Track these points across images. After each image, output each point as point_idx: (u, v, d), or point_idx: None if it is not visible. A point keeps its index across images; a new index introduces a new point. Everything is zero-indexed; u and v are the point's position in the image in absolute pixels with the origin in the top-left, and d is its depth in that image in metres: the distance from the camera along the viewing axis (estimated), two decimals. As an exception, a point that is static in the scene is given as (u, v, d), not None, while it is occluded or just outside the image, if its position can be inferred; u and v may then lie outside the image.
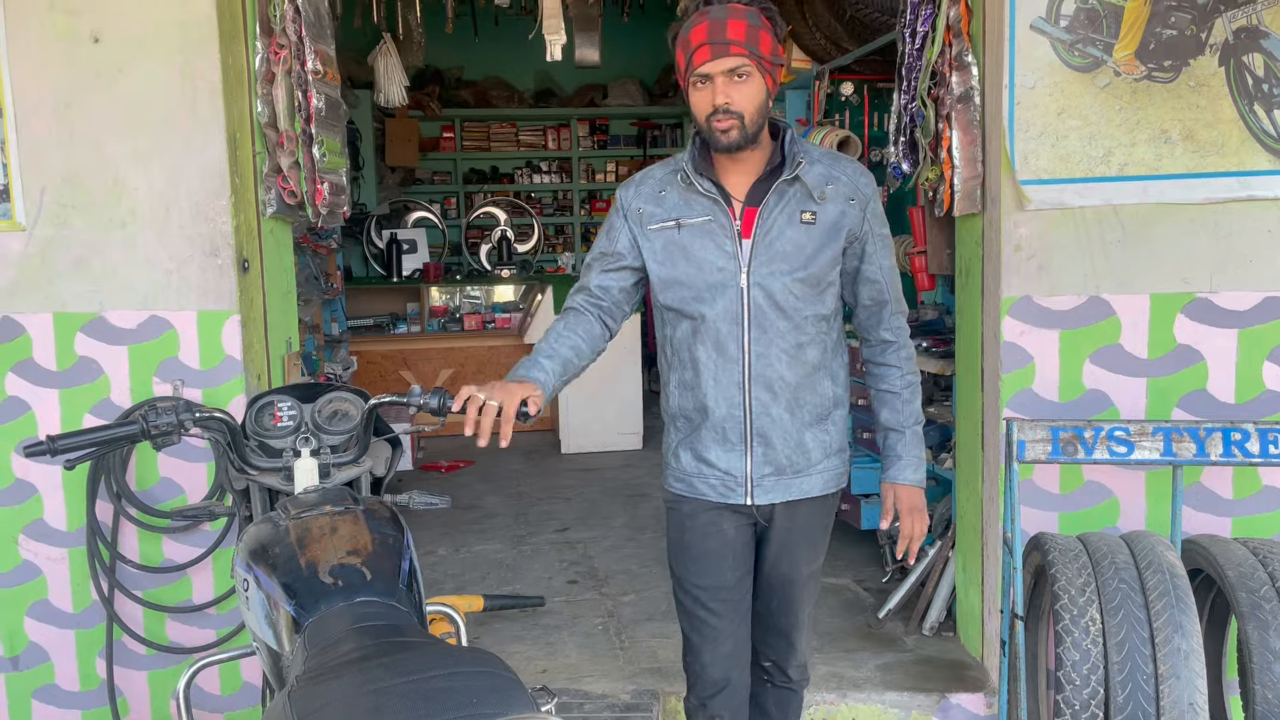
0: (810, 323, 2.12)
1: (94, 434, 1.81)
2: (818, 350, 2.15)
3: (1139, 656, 2.31)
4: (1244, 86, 2.82)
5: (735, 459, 2.16)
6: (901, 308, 2.22)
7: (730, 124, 2.01)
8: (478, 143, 9.53)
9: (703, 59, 1.99)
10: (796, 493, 2.19)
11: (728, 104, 1.99)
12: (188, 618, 3.08)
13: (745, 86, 2.00)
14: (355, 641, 1.44)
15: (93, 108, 2.91)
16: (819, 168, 2.10)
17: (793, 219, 2.08)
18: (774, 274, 2.08)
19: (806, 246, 2.08)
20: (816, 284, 2.10)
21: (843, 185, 2.11)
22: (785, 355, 2.11)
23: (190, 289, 2.97)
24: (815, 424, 2.18)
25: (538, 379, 2.01)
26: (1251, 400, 2.88)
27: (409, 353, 7.09)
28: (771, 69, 2.03)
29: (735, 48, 1.97)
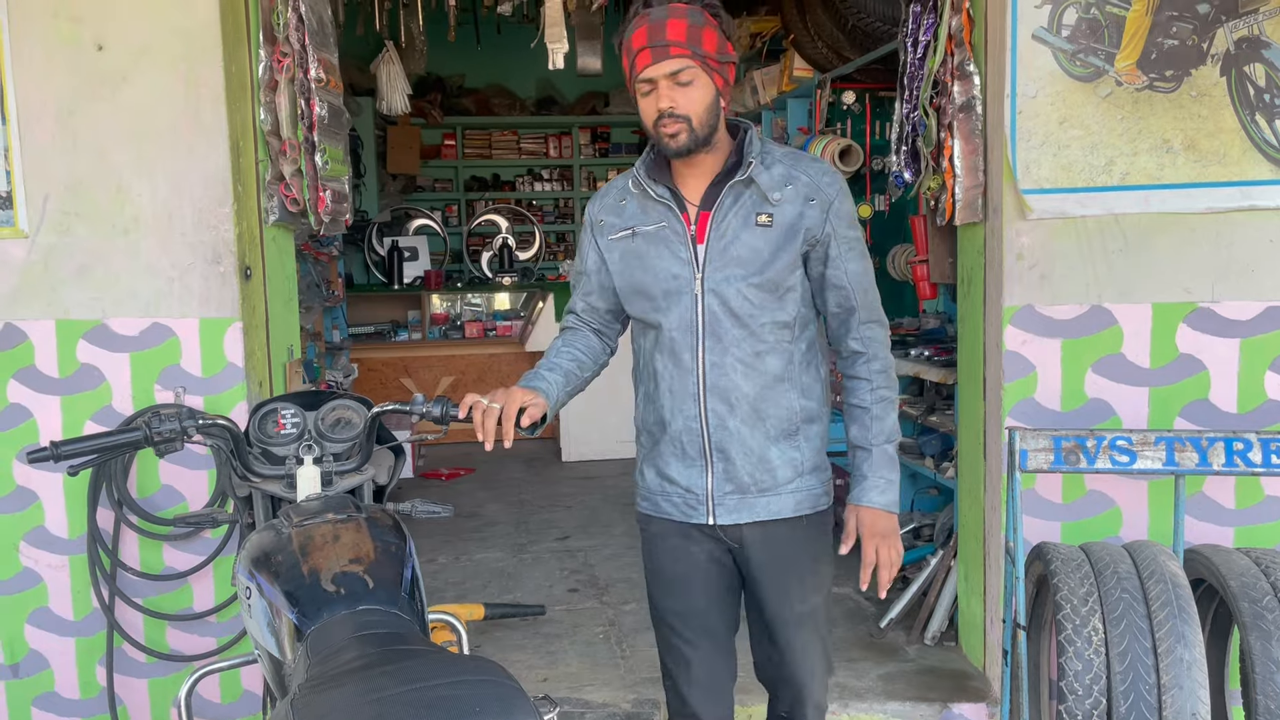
0: (769, 330, 2.02)
1: (97, 440, 1.81)
2: (779, 360, 2.03)
3: (1141, 667, 2.30)
4: (1245, 96, 2.83)
5: (696, 475, 2.07)
6: (873, 316, 2.08)
7: (677, 128, 1.93)
8: (479, 150, 9.54)
9: (644, 63, 1.92)
10: (764, 513, 2.06)
11: (672, 108, 1.92)
12: (188, 625, 3.07)
13: (690, 89, 1.93)
14: (358, 650, 1.44)
15: (96, 115, 2.91)
16: (779, 168, 2.01)
17: (748, 222, 1.99)
18: (728, 279, 1.99)
19: (763, 250, 1.98)
20: (774, 289, 2.00)
21: (802, 185, 2.00)
22: (741, 365, 2.01)
23: (192, 296, 2.97)
24: (782, 439, 2.05)
25: (539, 387, 2.02)
26: (1254, 410, 2.87)
27: (410, 360, 7.09)
28: (719, 67, 1.95)
29: (676, 49, 1.90)
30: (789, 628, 2.11)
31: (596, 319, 2.20)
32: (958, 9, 3.02)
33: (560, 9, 4.33)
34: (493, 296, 7.59)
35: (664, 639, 2.19)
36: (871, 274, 2.08)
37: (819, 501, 2.10)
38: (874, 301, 2.08)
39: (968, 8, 3.02)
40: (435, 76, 9.07)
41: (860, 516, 2.05)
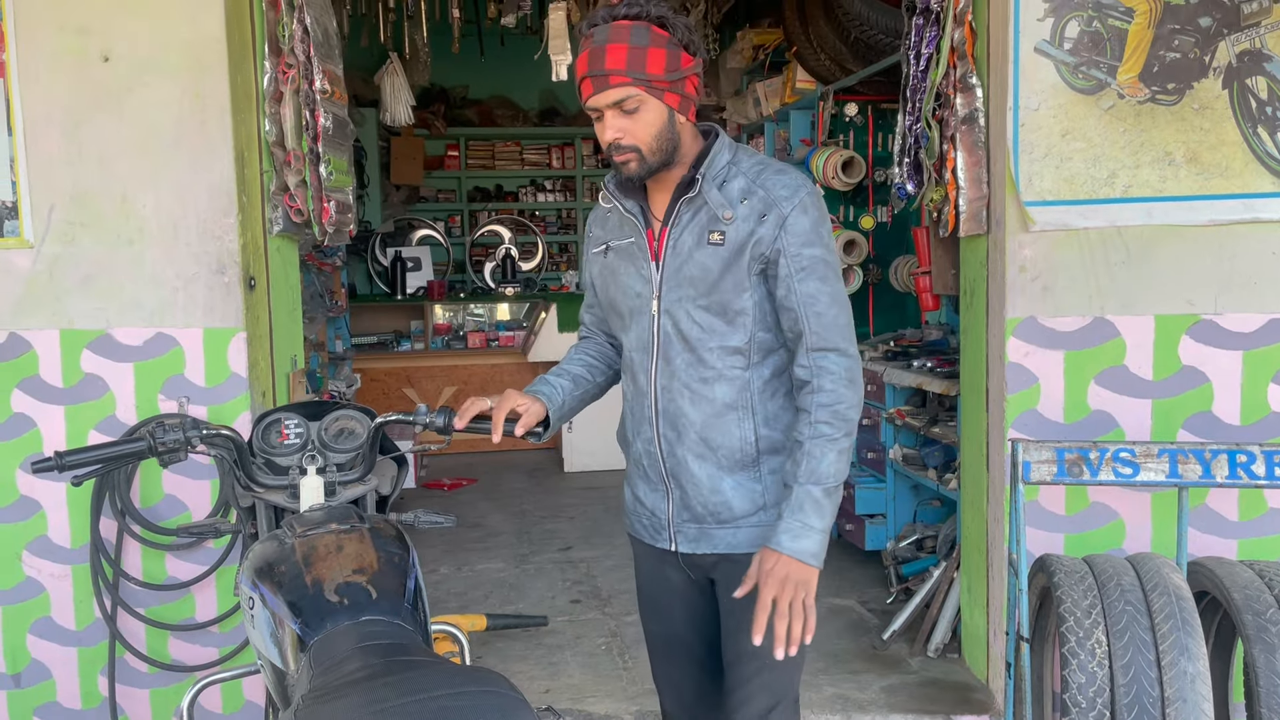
0: (717, 356, 1.90)
1: (102, 450, 1.82)
2: (729, 388, 1.90)
3: (1145, 679, 2.30)
4: (1247, 109, 2.83)
5: (659, 499, 2.00)
6: (828, 344, 1.85)
7: (627, 157, 1.85)
8: (482, 161, 9.56)
9: (587, 93, 1.83)
10: (723, 546, 1.95)
11: (619, 139, 1.84)
12: (190, 635, 3.07)
13: (637, 117, 1.83)
14: (361, 660, 1.44)
15: (102, 126, 2.92)
16: (739, 182, 1.88)
17: (702, 239, 1.88)
18: (679, 300, 1.90)
19: (713, 270, 1.87)
20: (723, 312, 1.88)
21: (758, 200, 1.86)
22: (688, 390, 1.91)
23: (197, 306, 2.98)
24: (737, 471, 1.92)
25: (542, 392, 2.02)
26: (1257, 422, 2.87)
27: (413, 370, 7.10)
28: (671, 85, 1.83)
29: (616, 79, 1.79)
30: (735, 670, 1.98)
31: (604, 327, 2.17)
32: (960, 22, 3.04)
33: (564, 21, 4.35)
34: (495, 307, 7.60)
35: (652, 659, 2.17)
36: (835, 298, 1.87)
37: None
38: (830, 328, 1.86)
39: (970, 21, 3.03)
40: (439, 87, 9.10)
41: (763, 559, 1.82)
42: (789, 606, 1.77)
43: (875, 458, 4.41)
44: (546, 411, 2.00)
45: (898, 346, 4.42)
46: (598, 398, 2.16)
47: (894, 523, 4.27)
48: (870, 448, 4.47)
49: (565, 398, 2.05)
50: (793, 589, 1.78)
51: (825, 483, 1.81)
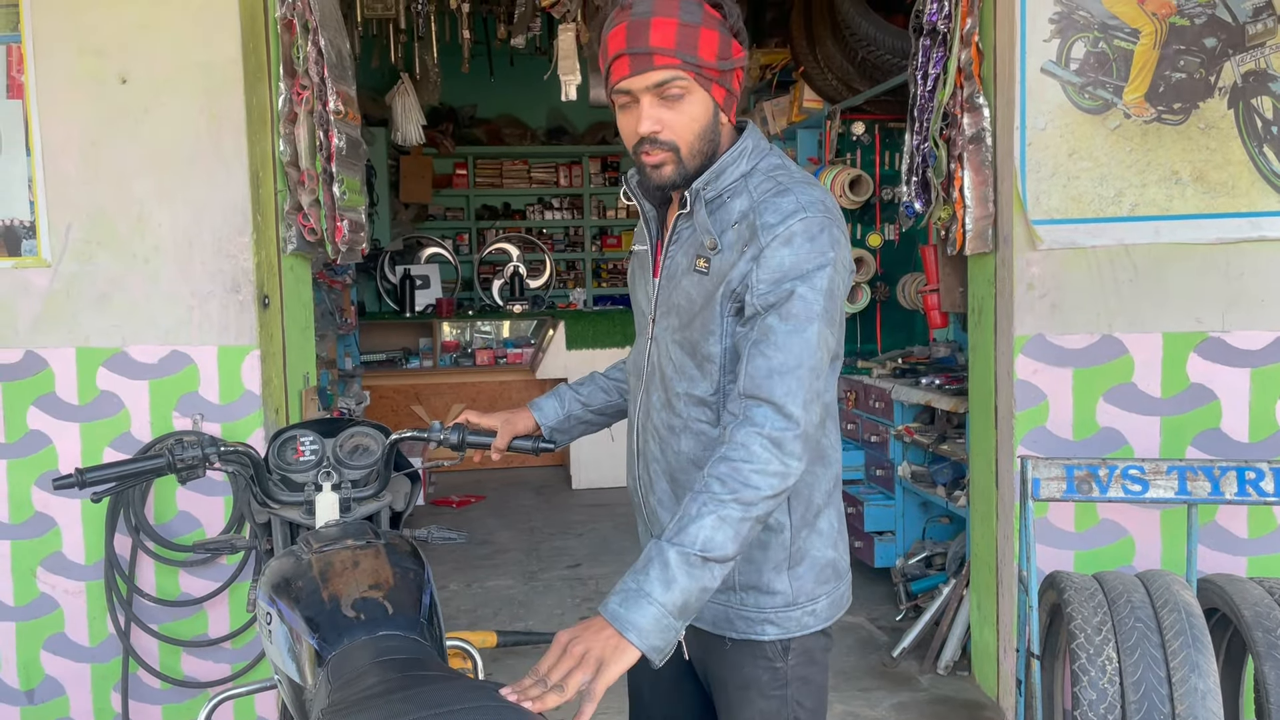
0: (684, 404, 1.60)
1: (121, 467, 1.84)
2: (694, 442, 1.59)
3: (1156, 696, 2.30)
4: (1253, 129, 2.86)
5: (646, 538, 1.74)
6: (762, 391, 1.43)
7: (661, 158, 1.53)
8: (490, 179, 9.62)
9: (620, 74, 1.51)
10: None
11: (656, 133, 1.51)
12: (203, 651, 3.09)
13: (681, 107, 1.51)
14: (379, 675, 1.45)
15: (119, 146, 2.96)
16: (741, 201, 1.54)
17: (691, 264, 1.58)
18: (666, 329, 1.62)
19: (696, 301, 1.56)
20: (693, 354, 1.57)
21: (745, 227, 1.51)
22: (657, 435, 1.65)
23: (211, 324, 3.01)
24: None
25: (538, 404, 1.98)
26: (1265, 439, 2.88)
27: (421, 387, 7.12)
28: (720, 76, 1.52)
29: (661, 58, 1.48)
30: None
31: None
32: (967, 43, 3.07)
33: (573, 42, 4.39)
34: (503, 324, 7.63)
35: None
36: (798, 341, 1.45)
37: (755, 629, 1.60)
38: (773, 374, 1.44)
39: (977, 41, 3.06)
40: (448, 106, 9.17)
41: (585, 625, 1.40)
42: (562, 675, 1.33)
43: (884, 475, 4.42)
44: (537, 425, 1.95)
45: (906, 364, 4.44)
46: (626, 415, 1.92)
47: (903, 540, 4.27)
48: (879, 464, 4.48)
49: (570, 411, 1.97)
50: (580, 661, 1.34)
51: (689, 547, 1.36)
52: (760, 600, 1.60)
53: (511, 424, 1.96)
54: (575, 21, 4.47)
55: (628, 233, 9.97)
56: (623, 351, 6.49)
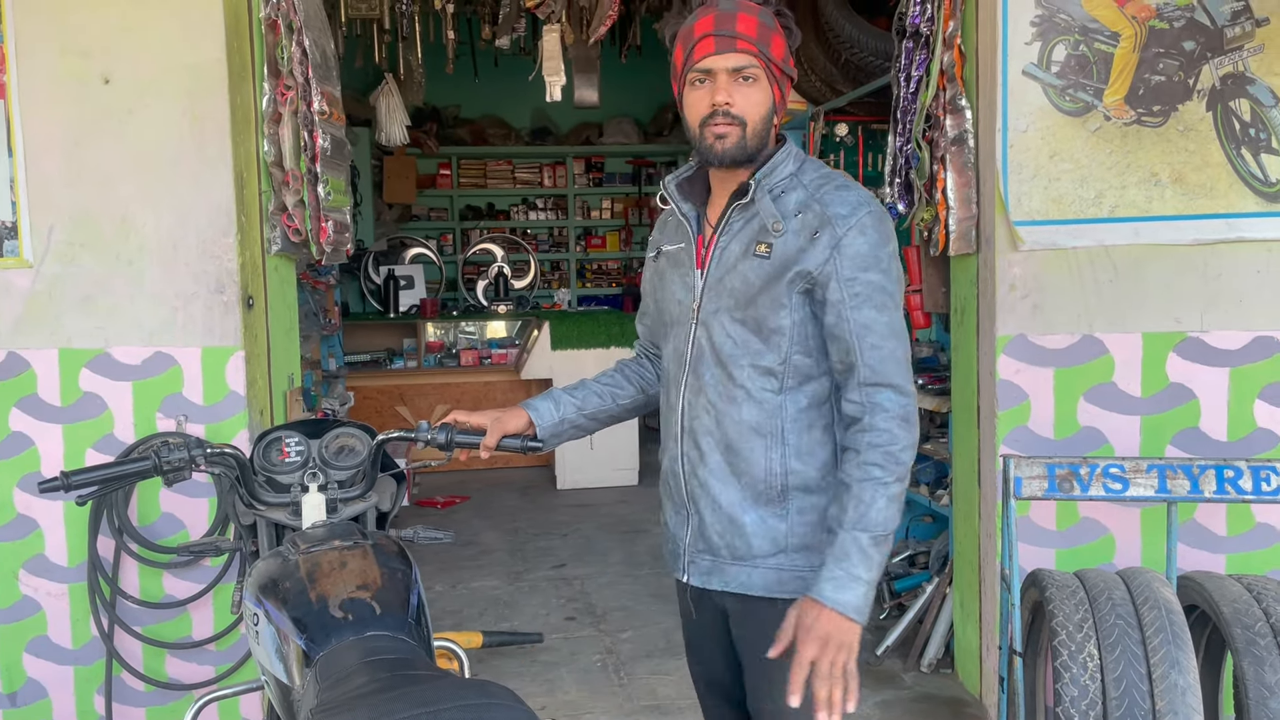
0: (747, 375, 1.76)
1: (107, 470, 1.83)
2: (756, 411, 1.76)
3: (1136, 693, 2.32)
4: (1231, 131, 2.89)
5: (680, 524, 1.88)
6: (883, 379, 1.69)
7: (728, 129, 1.72)
8: (474, 180, 9.61)
9: (705, 51, 1.72)
10: (734, 584, 1.79)
11: (729, 105, 1.71)
12: (187, 654, 3.08)
13: (751, 90, 1.73)
14: (368, 675, 1.45)
15: (102, 147, 2.95)
16: (797, 194, 1.75)
17: (749, 250, 1.75)
18: (716, 312, 1.79)
19: (754, 284, 1.74)
20: (758, 329, 1.75)
21: (812, 215, 1.72)
22: (712, 408, 1.79)
23: (195, 325, 3.00)
24: (762, 504, 1.76)
25: (533, 405, 1.99)
26: (1243, 438, 2.91)
27: (405, 388, 7.11)
28: (781, 78, 1.76)
29: (743, 43, 1.71)
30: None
31: (653, 346, 2.08)
32: (950, 45, 3.09)
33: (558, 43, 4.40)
34: (488, 325, 7.62)
35: (698, 696, 2.05)
36: (893, 329, 1.71)
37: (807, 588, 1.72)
38: (886, 361, 1.69)
39: (959, 44, 3.08)
40: (431, 107, 9.15)
41: (802, 611, 1.63)
42: (829, 669, 1.59)
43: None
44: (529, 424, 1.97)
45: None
46: (620, 420, 2.07)
47: (886, 539, 4.29)
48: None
49: (565, 413, 1.99)
50: (834, 650, 1.59)
51: (874, 530, 1.63)
52: (810, 559, 1.75)
53: (502, 423, 1.97)
54: (560, 22, 4.48)
55: (612, 233, 9.98)
56: (608, 351, 6.51)
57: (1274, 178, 2.87)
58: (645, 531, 5.50)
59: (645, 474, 6.72)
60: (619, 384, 2.06)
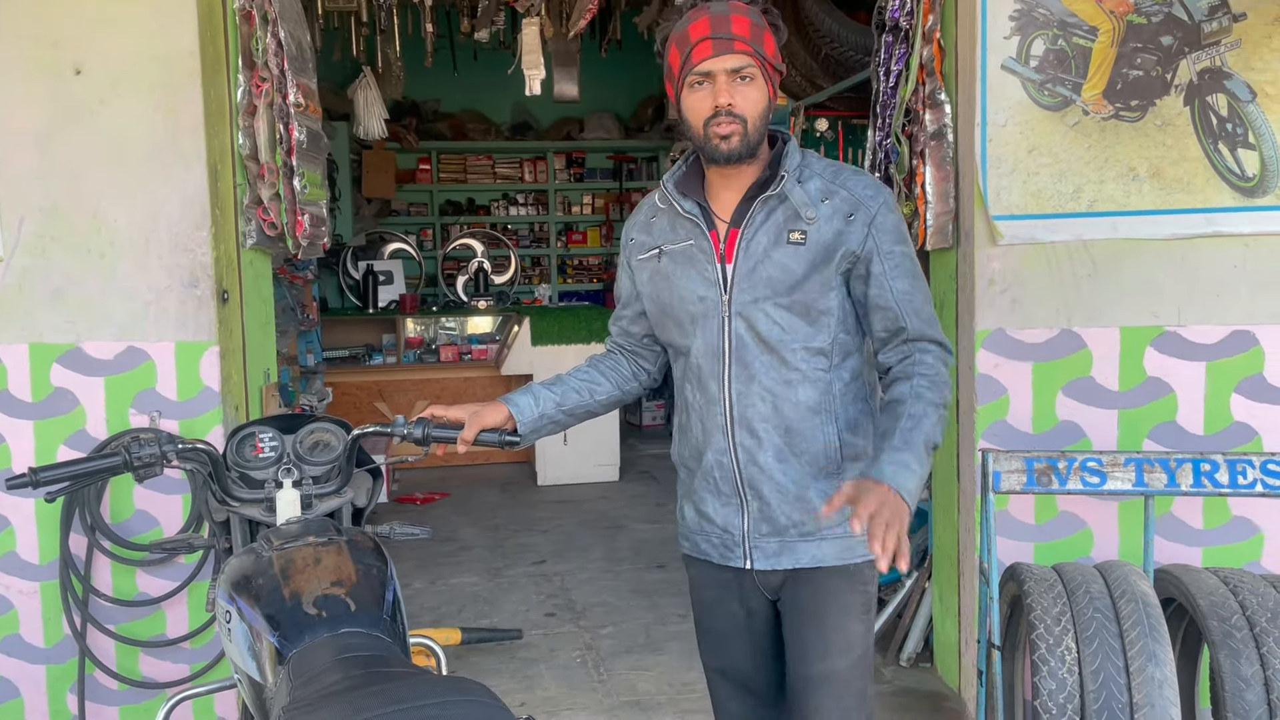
0: (800, 357, 1.84)
1: (77, 466, 1.80)
2: (813, 390, 1.85)
3: (1114, 685, 2.33)
4: (1209, 126, 2.90)
5: (732, 514, 1.91)
6: (926, 335, 1.84)
7: (732, 129, 1.79)
8: (454, 175, 9.56)
9: (703, 55, 1.78)
10: (806, 560, 1.88)
11: (730, 106, 1.78)
12: (161, 652, 3.04)
13: (749, 89, 1.79)
14: (342, 672, 1.44)
15: (73, 139, 2.91)
16: (816, 182, 1.85)
17: (779, 239, 1.83)
18: (756, 301, 1.84)
19: (795, 270, 1.82)
20: (806, 312, 1.83)
21: (841, 200, 1.83)
22: (769, 394, 1.85)
23: (169, 320, 2.97)
24: (823, 478, 1.86)
25: (512, 400, 2.00)
26: (1220, 432, 2.93)
27: (385, 384, 7.07)
28: (773, 74, 1.84)
29: (740, 44, 1.77)
30: (805, 689, 1.89)
31: (631, 342, 2.10)
32: (929, 39, 3.09)
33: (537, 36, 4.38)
34: (468, 320, 7.58)
35: (710, 689, 2.09)
36: (925, 294, 1.87)
37: (855, 552, 1.89)
38: (928, 322, 1.85)
39: (939, 38, 3.08)
40: (411, 101, 9.10)
41: (860, 482, 1.70)
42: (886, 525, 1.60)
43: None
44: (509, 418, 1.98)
45: (869, 359, 4.46)
46: (597, 415, 2.10)
47: (866, 533, 4.29)
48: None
49: (545, 410, 2.00)
50: (891, 512, 1.62)
51: (924, 434, 1.75)
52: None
53: (480, 417, 1.97)
54: (539, 15, 4.46)
55: (593, 229, 9.95)
56: (588, 347, 6.48)
57: (1250, 172, 2.88)
58: (625, 528, 5.48)
59: (625, 470, 6.71)
60: (596, 380, 2.08)
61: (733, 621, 1.99)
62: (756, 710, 2.03)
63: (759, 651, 1.99)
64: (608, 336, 2.17)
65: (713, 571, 1.99)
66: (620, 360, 2.12)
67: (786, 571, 1.90)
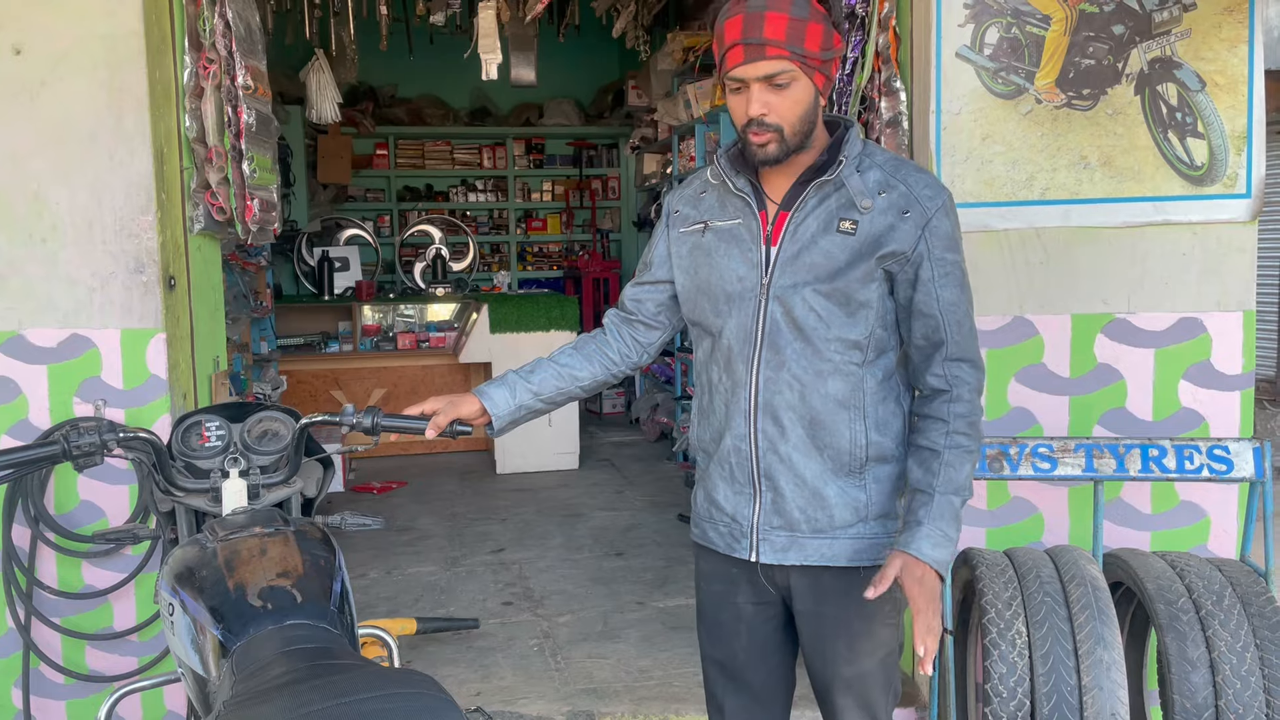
0: (835, 349, 1.80)
1: (13, 455, 1.76)
2: (843, 383, 1.81)
3: (1063, 668, 2.36)
4: (1159, 115, 2.93)
5: (743, 503, 1.88)
6: (965, 354, 1.82)
7: (767, 138, 1.75)
8: (412, 160, 9.47)
9: (735, 61, 1.72)
10: (815, 557, 1.84)
11: (763, 115, 1.74)
12: (108, 645, 2.99)
13: (786, 94, 1.73)
14: (285, 665, 1.41)
15: (13, 121, 2.83)
16: (875, 173, 1.81)
17: (829, 226, 1.79)
18: (795, 286, 1.79)
19: (838, 258, 1.78)
20: (845, 302, 1.79)
21: (898, 195, 1.78)
22: (797, 383, 1.81)
23: (114, 307, 2.90)
24: (843, 476, 1.83)
25: (487, 393, 1.97)
26: (1168, 418, 2.97)
27: (341, 372, 6.99)
28: (822, 65, 1.75)
29: (773, 49, 1.69)
30: (832, 692, 1.92)
31: (640, 313, 2.05)
32: (885, 27, 3.09)
33: (494, 20, 4.33)
34: (426, 308, 7.52)
35: (705, 679, 2.08)
36: (969, 306, 1.84)
37: (882, 553, 1.85)
38: (968, 338, 1.83)
39: (894, 26, 3.08)
40: (367, 86, 9.00)
41: (906, 564, 1.72)
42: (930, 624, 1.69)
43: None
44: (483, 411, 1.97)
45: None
46: (578, 399, 2.07)
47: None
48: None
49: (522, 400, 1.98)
50: (935, 605, 1.69)
51: (962, 494, 1.77)
52: (887, 526, 1.86)
53: (455, 406, 1.95)
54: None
55: (553, 216, 9.90)
56: (547, 335, 6.45)
57: (1199, 161, 2.92)
58: (585, 515, 5.47)
59: (585, 458, 6.70)
60: (577, 364, 2.04)
61: (735, 615, 1.96)
62: (750, 706, 2.01)
63: (759, 647, 1.98)
64: (613, 308, 2.11)
65: (719, 563, 1.96)
66: (612, 339, 2.07)
67: (795, 569, 1.87)
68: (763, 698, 2.02)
